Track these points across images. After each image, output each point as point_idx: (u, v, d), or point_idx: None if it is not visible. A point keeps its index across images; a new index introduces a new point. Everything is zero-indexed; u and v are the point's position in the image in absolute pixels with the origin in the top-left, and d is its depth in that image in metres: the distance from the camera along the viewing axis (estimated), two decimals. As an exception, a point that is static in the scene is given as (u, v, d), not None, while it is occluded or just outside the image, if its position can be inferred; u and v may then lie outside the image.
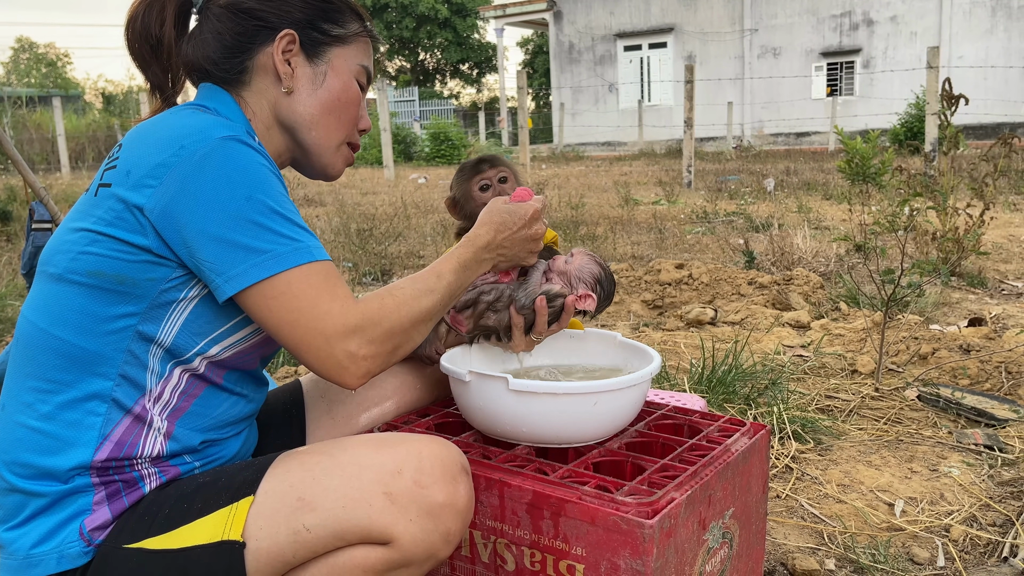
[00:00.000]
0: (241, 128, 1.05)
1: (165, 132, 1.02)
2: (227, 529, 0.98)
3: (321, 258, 1.02)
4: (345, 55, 1.19)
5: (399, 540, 0.97)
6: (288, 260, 0.99)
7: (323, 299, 1.00)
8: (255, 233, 0.98)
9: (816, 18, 21.56)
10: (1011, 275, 4.41)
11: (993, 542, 1.72)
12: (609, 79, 24.55)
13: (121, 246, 1.00)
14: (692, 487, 1.09)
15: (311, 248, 1.01)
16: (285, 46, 1.14)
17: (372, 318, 1.02)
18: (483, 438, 1.29)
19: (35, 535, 0.99)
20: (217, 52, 1.15)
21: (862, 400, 2.54)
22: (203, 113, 1.07)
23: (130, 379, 1.03)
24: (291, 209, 1.03)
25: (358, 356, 1.01)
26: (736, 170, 12.30)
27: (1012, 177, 8.34)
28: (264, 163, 1.03)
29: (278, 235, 0.99)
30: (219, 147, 0.99)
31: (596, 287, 1.34)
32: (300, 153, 1.21)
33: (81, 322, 1.01)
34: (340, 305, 1.00)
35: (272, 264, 0.98)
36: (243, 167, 1.00)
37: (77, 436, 1.01)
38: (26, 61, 47.85)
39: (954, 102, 4.06)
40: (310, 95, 1.17)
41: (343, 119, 1.20)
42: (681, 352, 3.07)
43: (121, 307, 1.01)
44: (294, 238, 1.00)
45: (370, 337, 1.02)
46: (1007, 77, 18.85)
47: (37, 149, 17.37)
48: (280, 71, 1.15)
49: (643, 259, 5.14)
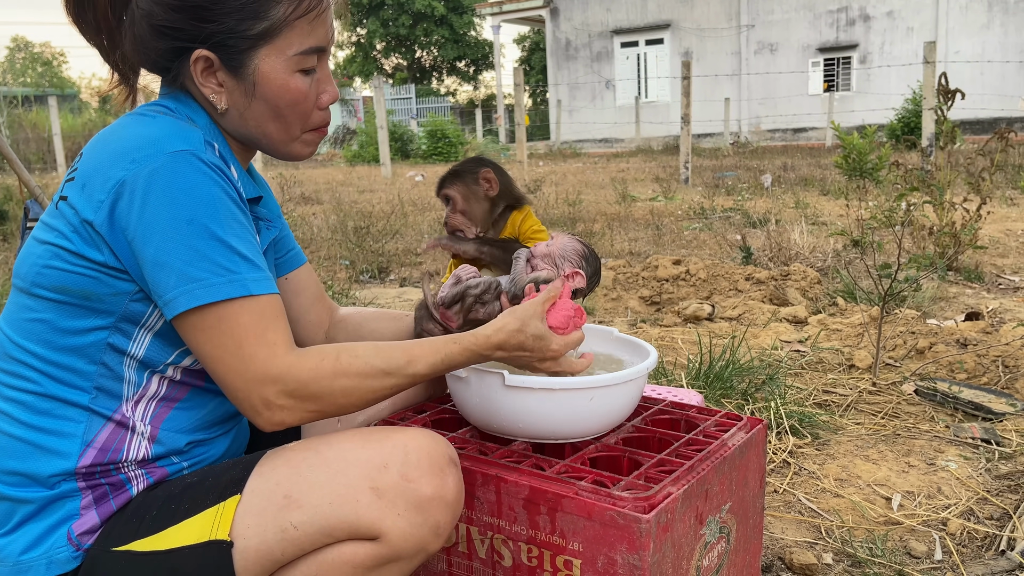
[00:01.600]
0: (199, 137, 1.01)
1: (119, 144, 0.99)
2: (215, 529, 0.97)
3: (259, 292, 0.98)
4: (276, 51, 1.07)
5: (388, 535, 0.97)
6: (219, 292, 0.95)
7: (249, 341, 0.96)
8: (190, 259, 0.95)
9: (813, 14, 21.55)
10: (1008, 269, 4.42)
11: (990, 535, 1.73)
12: (606, 76, 24.53)
13: (81, 260, 0.99)
14: (689, 482, 1.09)
15: (247, 281, 0.97)
16: (203, 68, 1.07)
17: (298, 376, 0.97)
18: (480, 434, 1.29)
19: (24, 541, 0.99)
20: (148, 64, 1.10)
21: (859, 395, 2.54)
22: (162, 118, 1.04)
23: (106, 390, 1.02)
24: (238, 235, 0.98)
25: (273, 404, 0.97)
26: (733, 166, 12.30)
27: (1009, 172, 8.35)
28: (216, 181, 0.98)
29: (214, 264, 0.95)
30: (168, 164, 0.96)
31: (582, 264, 1.35)
32: (260, 150, 1.18)
33: (50, 336, 1.01)
34: (267, 351, 0.96)
35: (202, 294, 0.95)
36: (189, 188, 0.96)
37: (59, 444, 1.00)
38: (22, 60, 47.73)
39: (950, 97, 4.06)
40: (247, 108, 1.10)
41: (291, 120, 1.12)
42: (679, 348, 3.07)
43: (89, 321, 1.00)
44: (230, 269, 0.96)
45: (289, 391, 0.97)
46: (1004, 72, 18.86)
47: (33, 148, 17.32)
48: (206, 93, 1.08)
49: (640, 255, 5.13)
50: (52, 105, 16.22)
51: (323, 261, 5.30)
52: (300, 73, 1.09)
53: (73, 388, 1.01)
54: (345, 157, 19.41)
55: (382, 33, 36.00)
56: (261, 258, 1.01)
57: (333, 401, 1.00)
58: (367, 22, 35.78)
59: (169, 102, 1.10)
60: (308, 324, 1.37)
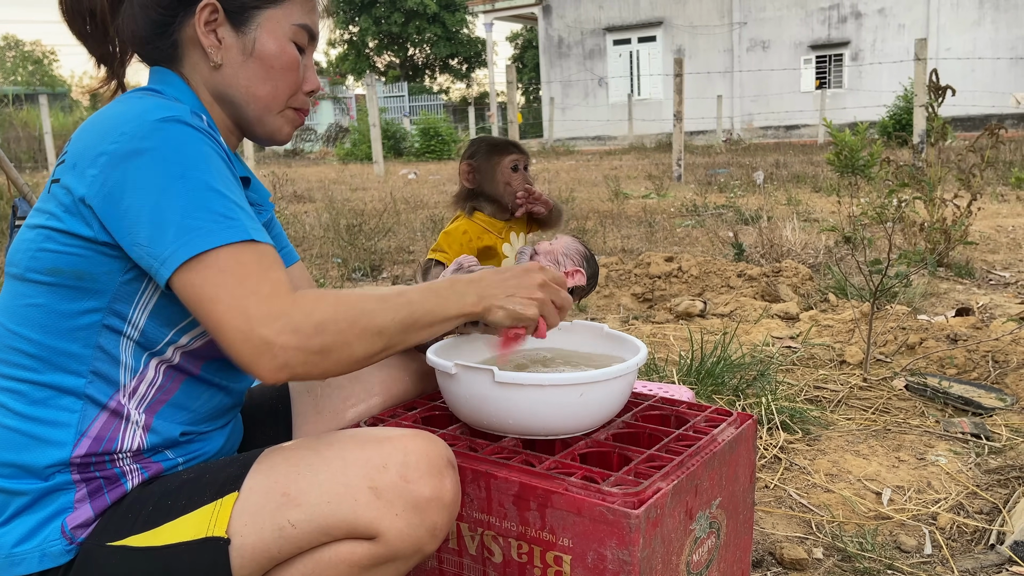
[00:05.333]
0: (186, 109, 1.01)
1: (106, 122, 0.99)
2: (211, 526, 0.97)
3: (259, 239, 0.96)
4: (277, 16, 1.11)
5: (385, 535, 0.97)
6: (219, 237, 0.92)
7: (251, 278, 0.92)
8: (187, 211, 0.93)
9: (804, 11, 21.58)
10: (998, 265, 4.44)
11: (980, 530, 1.73)
12: (599, 73, 24.53)
13: (73, 240, 0.98)
14: (678, 477, 1.09)
15: (247, 228, 0.95)
16: (207, 17, 1.08)
17: (303, 307, 0.92)
18: (470, 430, 1.29)
19: (17, 533, 0.98)
20: (146, 28, 1.10)
21: (850, 390, 2.55)
22: (150, 97, 1.04)
23: (102, 375, 1.02)
24: (232, 189, 0.98)
25: (275, 344, 0.90)
26: (726, 163, 12.32)
27: (999, 168, 8.38)
28: (205, 142, 0.98)
29: (211, 212, 0.93)
30: (155, 129, 0.96)
31: (583, 264, 1.36)
32: (244, 123, 1.17)
33: (46, 321, 1.00)
34: (270, 287, 0.92)
35: (201, 240, 0.92)
36: (178, 146, 0.96)
37: (53, 433, 1.00)
38: (12, 59, 47.48)
39: (941, 94, 4.07)
40: (241, 66, 1.11)
41: (280, 87, 1.13)
42: (671, 344, 3.08)
43: (84, 302, 1.00)
44: (229, 216, 0.94)
45: (295, 326, 0.91)
46: (994, 68, 18.93)
47: (24, 147, 17.23)
48: (205, 45, 1.09)
49: (633, 252, 5.14)
50: (43, 103, 16.14)
51: (315, 259, 5.29)
52: (294, 45, 1.13)
53: (69, 373, 1.00)
54: (338, 155, 19.37)
55: (374, 31, 35.93)
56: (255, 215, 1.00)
57: (340, 332, 0.94)
58: (359, 20, 35.70)
59: (157, 86, 1.11)
60: None
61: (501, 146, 1.91)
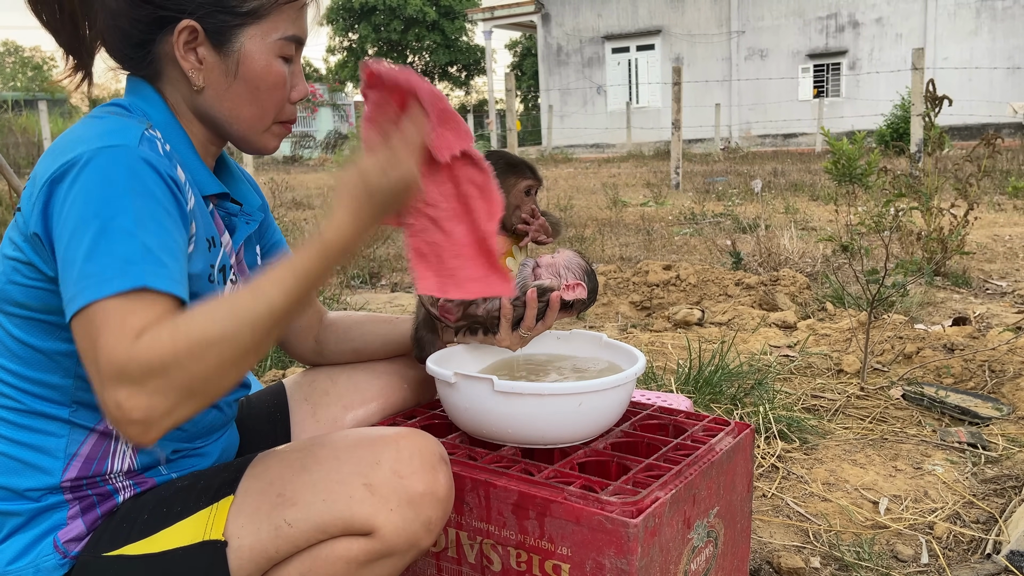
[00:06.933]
0: (136, 132, 0.94)
1: (59, 145, 0.94)
2: (208, 529, 0.98)
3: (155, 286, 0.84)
4: (260, 33, 1.04)
5: (381, 530, 0.98)
6: (112, 285, 0.82)
7: (112, 330, 0.80)
8: (89, 253, 0.84)
9: (802, 20, 21.67)
10: (995, 274, 4.45)
11: (976, 539, 1.74)
12: (597, 81, 24.59)
13: (34, 273, 0.95)
14: (676, 486, 1.10)
15: (144, 274, 0.84)
16: (186, 38, 1.01)
17: (146, 363, 0.79)
18: (469, 439, 1.30)
19: (11, 552, 0.99)
20: (117, 40, 1.04)
21: (847, 399, 2.56)
22: (110, 117, 0.98)
23: (85, 403, 1.01)
24: (153, 232, 0.87)
25: (124, 407, 0.79)
26: (723, 171, 12.35)
27: (996, 177, 8.40)
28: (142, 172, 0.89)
29: (113, 257, 0.84)
30: (94, 158, 0.89)
31: (584, 278, 1.38)
32: (228, 139, 1.11)
33: (23, 353, 0.99)
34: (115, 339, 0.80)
35: (94, 289, 0.82)
36: (108, 179, 0.87)
37: (42, 459, 1.00)
38: (11, 65, 47.51)
39: (938, 103, 4.10)
40: (225, 89, 1.05)
41: (267, 106, 1.08)
42: (668, 353, 3.08)
43: (56, 335, 0.97)
44: (130, 260, 0.84)
45: (141, 385, 0.79)
46: (991, 78, 19.01)
47: (23, 153, 17.22)
48: (184, 68, 1.03)
49: (631, 260, 5.15)
50: (42, 109, 16.16)
51: (314, 266, 5.29)
52: (280, 59, 1.07)
53: (52, 403, 1.00)
54: (337, 162, 19.39)
55: (374, 38, 35.99)
56: (176, 259, 0.89)
57: (192, 379, 0.81)
58: (359, 27, 35.77)
59: (126, 100, 1.05)
60: (297, 329, 1.38)
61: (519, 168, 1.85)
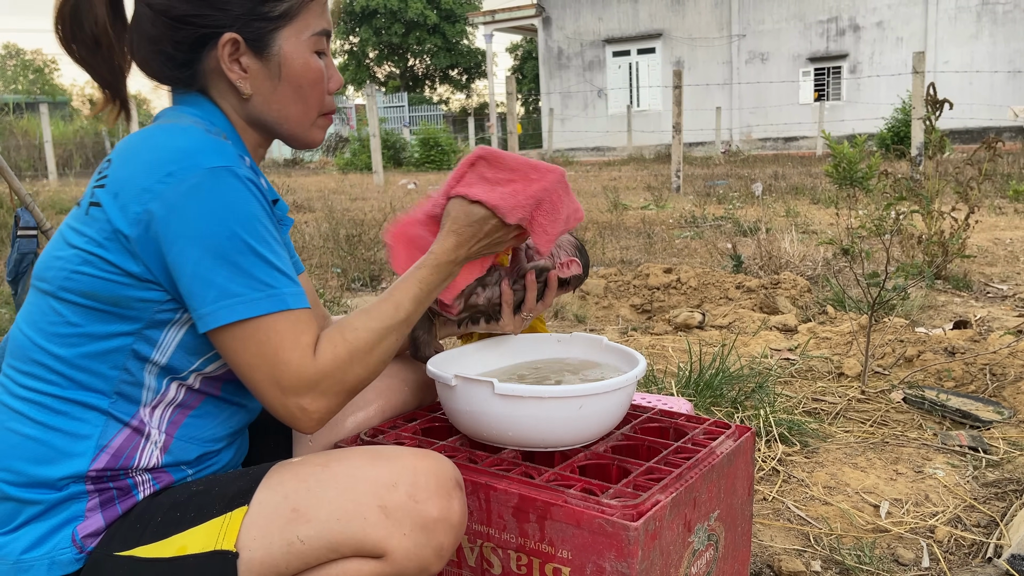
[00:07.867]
0: (232, 152, 1.01)
1: (153, 154, 0.99)
2: (220, 539, 0.97)
3: (295, 306, 1.00)
4: (295, 32, 1.10)
5: (392, 554, 0.97)
6: (258, 307, 0.97)
7: (283, 351, 0.98)
8: (230, 275, 0.96)
9: (803, 23, 21.68)
10: (996, 278, 4.45)
11: (977, 543, 1.74)
12: (598, 84, 24.62)
13: (112, 268, 0.99)
14: (677, 489, 1.09)
15: (285, 296, 0.99)
16: (230, 52, 1.08)
17: (328, 372, 1.01)
18: (469, 442, 1.30)
19: (26, 540, 0.98)
20: (160, 64, 1.10)
21: (848, 402, 2.56)
22: (194, 128, 1.03)
23: (126, 396, 1.02)
24: (274, 250, 1.00)
25: (308, 410, 1.00)
26: (724, 175, 12.35)
27: (997, 180, 8.41)
28: (252, 196, 1.00)
29: (253, 279, 0.97)
30: (207, 179, 0.96)
31: (576, 255, 1.39)
32: (277, 138, 1.18)
33: (76, 341, 1.00)
34: (299, 357, 0.99)
35: (242, 309, 0.96)
36: (229, 202, 0.97)
37: (73, 446, 1.00)
38: (13, 68, 47.60)
39: (939, 107, 4.09)
40: (271, 92, 1.11)
41: (311, 101, 1.14)
42: (669, 356, 3.08)
43: (116, 326, 1.01)
44: (269, 284, 0.98)
45: (323, 391, 1.01)
46: (992, 82, 19.01)
47: (24, 156, 17.26)
48: (232, 79, 1.09)
49: (632, 263, 5.15)
50: (43, 112, 16.18)
51: (315, 269, 5.30)
52: (316, 54, 1.13)
53: (93, 392, 1.01)
54: (337, 165, 19.41)
55: (375, 41, 36.06)
56: (294, 272, 1.03)
57: (358, 380, 1.05)
58: (360, 30, 35.82)
59: (189, 108, 1.10)
60: None
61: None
